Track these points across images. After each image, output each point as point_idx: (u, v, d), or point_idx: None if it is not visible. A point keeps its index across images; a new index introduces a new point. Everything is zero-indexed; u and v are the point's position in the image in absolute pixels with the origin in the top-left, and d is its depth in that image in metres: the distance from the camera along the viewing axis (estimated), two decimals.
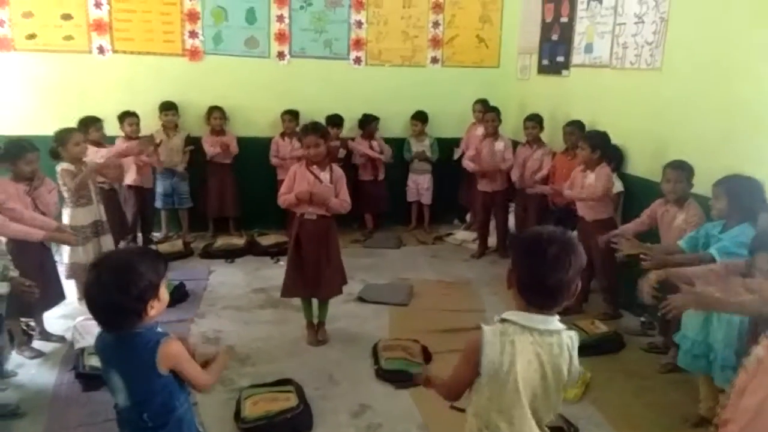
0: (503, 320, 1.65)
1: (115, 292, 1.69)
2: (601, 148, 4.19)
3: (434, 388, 1.86)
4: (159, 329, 1.84)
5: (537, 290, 1.60)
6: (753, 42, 3.43)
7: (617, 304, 4.33)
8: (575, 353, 1.67)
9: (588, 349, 3.67)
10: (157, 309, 1.78)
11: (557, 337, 1.64)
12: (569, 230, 1.69)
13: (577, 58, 5.21)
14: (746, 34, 3.48)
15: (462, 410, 3.06)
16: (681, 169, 3.54)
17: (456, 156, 6.22)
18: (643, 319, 4.13)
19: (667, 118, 4.10)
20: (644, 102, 4.34)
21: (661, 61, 4.15)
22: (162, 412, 1.82)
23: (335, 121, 5.75)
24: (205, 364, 1.95)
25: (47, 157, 3.88)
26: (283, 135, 5.79)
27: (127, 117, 5.22)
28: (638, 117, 4.37)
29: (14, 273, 2.90)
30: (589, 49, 5.02)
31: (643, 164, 4.31)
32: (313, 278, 3.69)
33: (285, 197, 3.66)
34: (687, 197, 3.55)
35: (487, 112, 5.67)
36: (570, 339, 1.66)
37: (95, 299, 1.72)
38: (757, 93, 3.41)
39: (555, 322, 1.64)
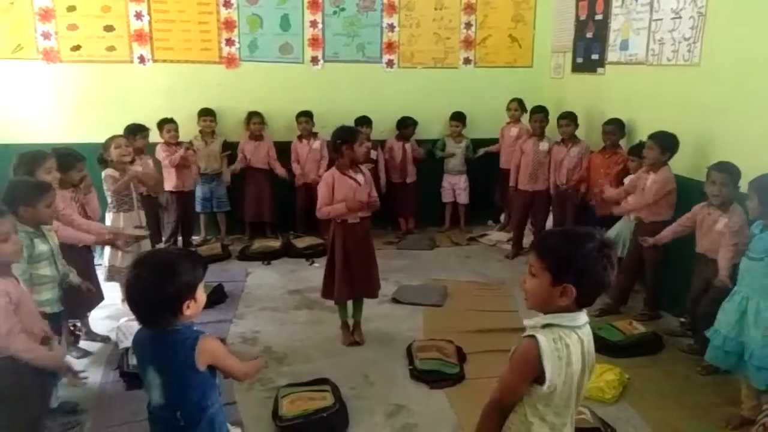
0: (547, 326, 1.60)
1: (152, 290, 1.75)
2: (672, 150, 4.00)
3: (486, 411, 1.74)
4: (195, 327, 1.91)
5: (597, 292, 1.60)
6: None
7: (657, 305, 4.25)
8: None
9: (626, 349, 3.64)
10: (193, 309, 1.82)
11: (587, 326, 1.67)
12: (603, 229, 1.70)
13: (612, 55, 5.14)
14: None
15: None
16: (727, 172, 3.41)
17: (479, 154, 6.20)
18: (682, 319, 4.04)
19: (707, 115, 4.01)
20: (682, 99, 4.25)
21: (700, 56, 4.07)
22: (195, 411, 1.87)
23: (364, 121, 5.78)
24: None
25: (92, 164, 4.04)
26: (300, 138, 5.86)
27: (165, 124, 5.37)
28: (676, 114, 4.27)
29: (75, 279, 3.04)
30: (624, 46, 4.95)
31: (681, 163, 4.21)
32: (363, 278, 3.74)
33: (328, 209, 3.60)
34: (731, 201, 3.44)
35: (532, 112, 5.60)
36: (588, 324, 1.68)
37: (134, 296, 1.79)
38: None
39: (584, 312, 1.66)
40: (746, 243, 3.09)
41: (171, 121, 5.40)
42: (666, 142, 4.00)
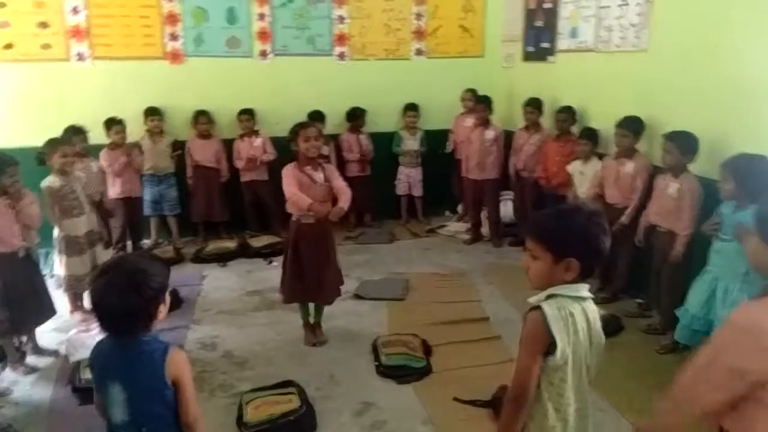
0: (551, 296, 1.64)
1: (130, 295, 1.67)
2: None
3: (508, 406, 1.67)
4: (161, 339, 1.81)
5: (597, 260, 1.64)
6: (739, 19, 3.42)
7: (619, 287, 4.32)
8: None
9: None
10: (164, 312, 1.78)
11: (590, 301, 1.70)
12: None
13: (562, 43, 5.20)
14: (732, 12, 3.47)
15: (466, 402, 3.08)
16: (670, 140, 3.61)
17: (448, 149, 6.18)
18: (639, 300, 4.13)
19: (655, 99, 4.09)
20: (632, 84, 4.33)
21: (648, 42, 4.14)
22: (162, 427, 1.78)
23: (317, 116, 5.67)
24: None
25: (28, 169, 3.80)
26: (242, 136, 5.70)
27: (113, 125, 5.12)
28: (626, 99, 4.35)
29: None
30: (573, 33, 5.01)
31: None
32: (314, 283, 3.62)
33: (297, 197, 3.41)
34: (682, 168, 3.59)
35: (476, 101, 5.65)
36: (592, 297, 1.72)
37: (106, 304, 1.69)
38: (744, 71, 3.40)
39: (587, 287, 1.69)
40: (717, 224, 3.16)
41: (119, 122, 5.14)
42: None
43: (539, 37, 5.53)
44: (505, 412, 1.68)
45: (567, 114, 4.87)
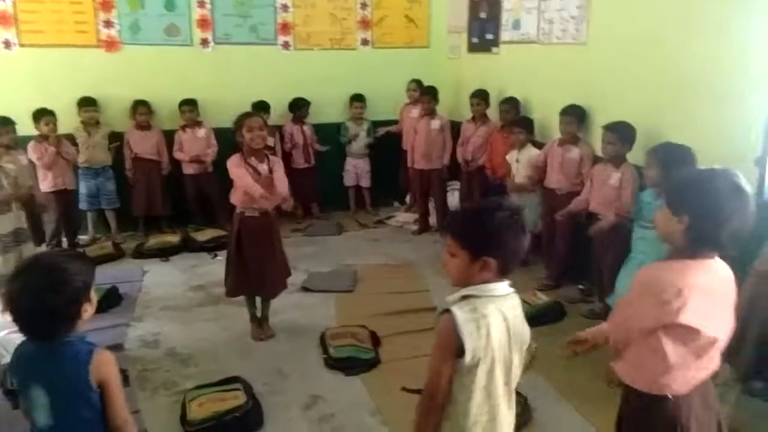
0: (465, 297, 1.62)
1: (48, 295, 1.59)
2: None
3: (420, 406, 1.68)
4: (87, 339, 1.72)
5: (515, 259, 1.62)
6: (675, 12, 3.54)
7: (562, 274, 4.43)
8: (521, 310, 1.71)
9: (532, 320, 3.69)
10: (89, 312, 1.70)
11: (512, 299, 1.67)
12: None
13: (505, 35, 5.26)
14: (668, 5, 3.59)
15: (414, 391, 3.08)
16: (610, 131, 3.71)
17: (379, 134, 6.18)
18: (581, 286, 4.25)
19: (594, 90, 4.20)
20: (572, 76, 4.43)
21: (587, 35, 4.24)
22: (86, 431, 1.70)
23: (262, 106, 5.56)
24: None
25: None
26: (184, 127, 5.55)
27: (43, 116, 4.86)
28: (567, 91, 4.44)
29: None
30: (516, 25, 5.08)
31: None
32: (257, 276, 3.55)
33: (254, 188, 3.35)
34: (622, 158, 3.70)
35: (422, 92, 5.68)
36: (517, 297, 1.71)
37: (24, 306, 1.61)
38: (679, 62, 3.53)
39: (506, 284, 1.66)
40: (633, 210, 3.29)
41: (49, 112, 4.88)
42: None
43: (483, 29, 5.59)
44: (418, 411, 1.67)
45: (510, 105, 4.95)
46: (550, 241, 4.41)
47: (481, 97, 5.29)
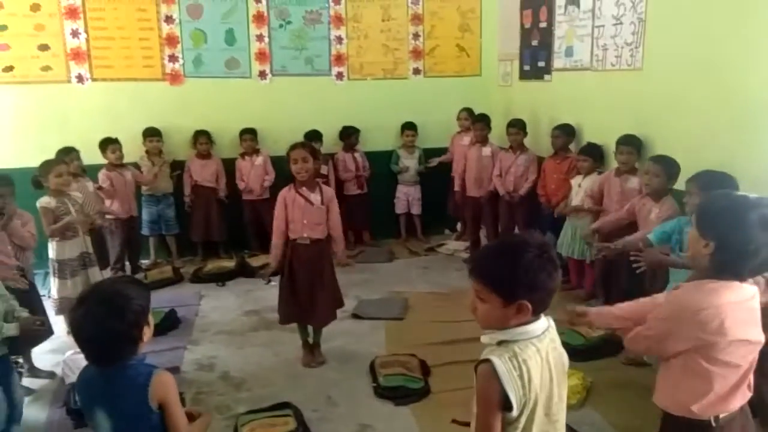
0: (501, 342, 1.54)
1: (111, 321, 1.67)
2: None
3: None
4: (147, 361, 1.80)
5: (549, 297, 1.53)
6: (732, 37, 3.44)
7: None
8: (558, 336, 1.64)
9: (587, 353, 3.66)
10: (148, 335, 1.77)
11: (549, 333, 1.60)
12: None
13: (558, 62, 5.23)
14: (725, 30, 3.50)
15: (464, 424, 3.03)
16: (657, 163, 3.59)
17: (433, 164, 6.21)
18: None
19: (650, 117, 4.11)
20: (627, 102, 4.35)
21: (642, 60, 4.17)
22: None
23: (314, 136, 5.70)
24: (189, 417, 1.86)
25: (28, 190, 3.83)
26: (243, 155, 5.75)
27: (109, 144, 5.15)
28: (621, 117, 4.36)
29: (23, 312, 2.82)
30: (569, 52, 5.04)
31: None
32: (307, 304, 3.61)
33: (276, 241, 3.56)
34: (664, 192, 3.57)
35: (473, 120, 5.70)
36: (553, 328, 1.62)
37: (88, 333, 1.69)
38: (738, 87, 3.42)
39: (543, 319, 1.59)
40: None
41: (114, 141, 5.17)
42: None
43: (535, 56, 5.57)
44: None
45: (564, 131, 4.89)
46: (607, 272, 4.28)
47: (519, 126, 5.27)
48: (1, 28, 5.23)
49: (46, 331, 3.59)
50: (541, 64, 5.47)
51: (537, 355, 1.54)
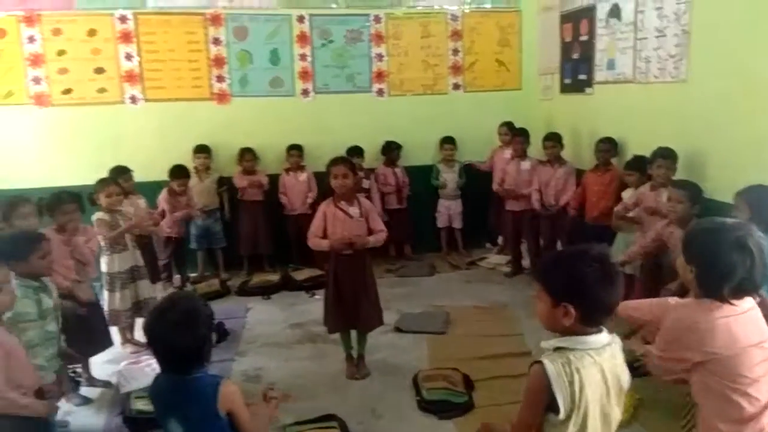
0: (558, 349, 1.61)
1: (189, 333, 1.77)
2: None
3: None
4: (212, 373, 1.90)
5: (604, 310, 1.61)
6: None
7: None
8: (623, 356, 1.68)
9: (635, 369, 3.59)
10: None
11: (611, 348, 1.64)
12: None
13: (599, 75, 5.21)
14: None
15: None
16: (681, 188, 3.49)
17: (466, 162, 6.25)
18: None
19: (696, 129, 4.04)
20: (671, 115, 4.29)
21: (686, 73, 4.12)
22: None
23: (356, 151, 5.82)
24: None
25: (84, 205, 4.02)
26: (288, 170, 5.89)
27: (179, 178, 5.30)
28: (665, 130, 4.30)
29: (63, 344, 2.93)
30: (611, 65, 5.02)
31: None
32: (352, 312, 3.69)
33: (315, 241, 3.65)
34: (690, 217, 3.39)
35: (513, 134, 5.72)
36: (618, 344, 1.67)
37: (168, 343, 1.78)
38: None
39: (605, 334, 1.64)
40: None
41: (185, 174, 5.37)
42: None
43: (576, 69, 5.56)
44: None
45: (609, 144, 4.85)
46: (653, 290, 4.18)
47: (555, 139, 5.26)
48: (60, 53, 5.53)
49: (105, 342, 3.77)
50: (582, 77, 5.45)
51: (593, 367, 1.58)
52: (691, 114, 4.08)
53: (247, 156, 5.78)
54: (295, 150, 5.84)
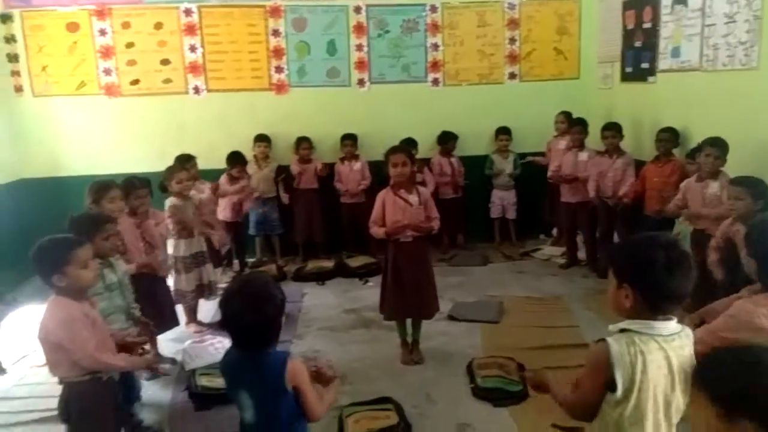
0: (623, 330, 1.64)
1: (265, 310, 1.85)
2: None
3: (555, 398, 1.84)
4: (281, 350, 1.99)
5: (669, 298, 1.61)
6: None
7: None
8: (692, 348, 1.67)
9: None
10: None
11: (679, 339, 1.64)
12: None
13: (663, 63, 5.06)
14: None
15: (566, 429, 3.04)
16: (738, 185, 3.43)
17: (525, 161, 6.18)
18: None
19: (766, 119, 3.90)
20: (740, 104, 4.15)
21: (758, 60, 3.97)
22: (285, 429, 1.95)
23: (410, 143, 5.81)
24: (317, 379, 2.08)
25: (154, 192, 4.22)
26: (342, 159, 5.97)
27: (236, 164, 5.46)
28: (734, 120, 4.16)
29: (136, 311, 3.12)
30: (676, 53, 4.87)
31: (742, 170, 4.08)
32: (415, 299, 3.74)
33: (375, 229, 3.72)
34: (754, 214, 3.30)
35: (570, 124, 5.63)
36: (689, 337, 1.67)
37: (246, 320, 1.85)
38: None
39: (674, 323, 1.65)
40: None
41: (243, 162, 5.52)
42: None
43: (638, 58, 5.41)
44: (558, 399, 1.81)
45: (670, 134, 4.72)
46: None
47: (615, 129, 5.13)
48: (128, 45, 5.78)
49: (172, 321, 3.96)
50: (645, 65, 5.31)
51: (659, 353, 1.60)
52: (762, 103, 3.93)
53: (304, 144, 5.89)
54: (349, 140, 5.93)
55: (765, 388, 1.24)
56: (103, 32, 5.71)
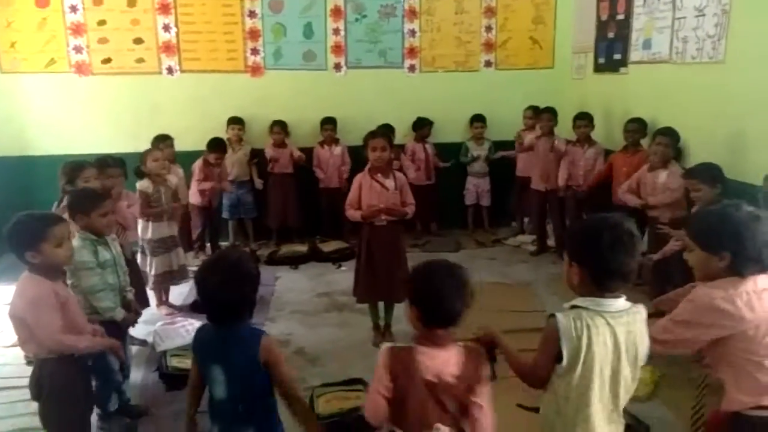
0: (574, 306, 1.73)
1: (241, 286, 1.88)
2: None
3: (510, 364, 1.96)
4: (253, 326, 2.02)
5: (613, 276, 1.67)
6: None
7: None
8: (645, 327, 1.75)
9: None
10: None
11: (628, 316, 1.72)
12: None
13: (635, 54, 5.15)
14: None
15: (530, 409, 3.11)
16: (693, 175, 3.58)
17: (497, 155, 6.26)
18: None
19: (733, 111, 4.01)
20: (708, 96, 4.26)
21: (725, 53, 4.07)
22: (257, 403, 1.98)
23: (386, 129, 5.82)
24: None
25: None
26: (322, 143, 5.97)
27: (215, 151, 5.33)
28: (702, 111, 4.28)
29: (130, 294, 3.10)
30: (647, 45, 4.96)
31: (706, 160, 4.21)
32: (386, 283, 3.78)
33: (351, 212, 3.75)
34: (717, 200, 3.37)
35: (539, 111, 5.69)
36: (639, 314, 1.75)
37: (219, 294, 1.87)
38: None
39: (622, 301, 1.73)
40: None
41: (223, 149, 5.41)
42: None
43: (611, 49, 5.50)
44: (513, 365, 1.96)
45: (638, 125, 4.82)
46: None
47: (587, 119, 5.25)
48: (100, 23, 5.66)
49: (142, 303, 3.93)
50: (617, 56, 5.40)
51: (605, 329, 1.69)
52: (729, 95, 4.05)
53: (276, 128, 5.84)
54: (329, 124, 5.92)
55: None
56: (74, 9, 5.58)
